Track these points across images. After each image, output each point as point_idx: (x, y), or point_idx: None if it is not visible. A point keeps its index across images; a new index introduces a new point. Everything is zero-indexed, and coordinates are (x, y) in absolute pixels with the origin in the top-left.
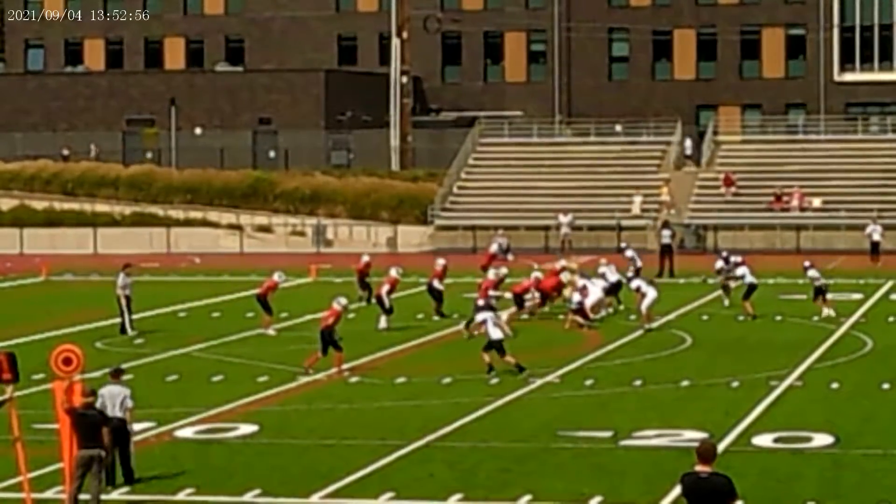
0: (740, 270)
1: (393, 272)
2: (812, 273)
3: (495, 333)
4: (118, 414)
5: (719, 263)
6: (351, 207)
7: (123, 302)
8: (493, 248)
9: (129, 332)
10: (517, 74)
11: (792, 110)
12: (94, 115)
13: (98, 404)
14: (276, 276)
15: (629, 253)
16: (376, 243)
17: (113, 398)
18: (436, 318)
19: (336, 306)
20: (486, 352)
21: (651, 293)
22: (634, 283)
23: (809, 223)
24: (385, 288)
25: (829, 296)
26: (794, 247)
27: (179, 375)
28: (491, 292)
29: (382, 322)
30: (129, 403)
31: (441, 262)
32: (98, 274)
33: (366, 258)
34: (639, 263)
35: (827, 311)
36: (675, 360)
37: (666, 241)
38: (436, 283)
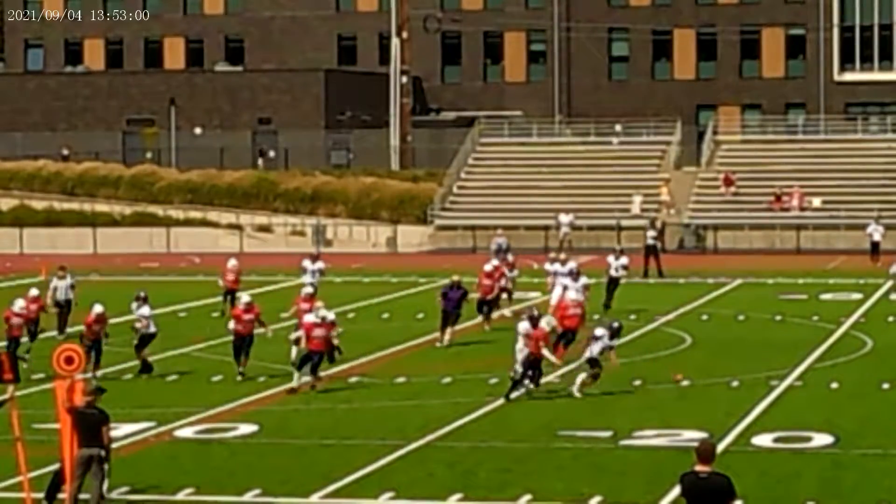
0: None
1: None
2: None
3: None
4: None
5: None
6: (351, 207)
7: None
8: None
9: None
10: (517, 74)
11: (792, 110)
12: (93, 115)
13: None
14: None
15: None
16: (376, 243)
17: None
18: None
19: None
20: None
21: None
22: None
23: (809, 223)
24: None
25: (829, 296)
26: (793, 247)
27: (179, 375)
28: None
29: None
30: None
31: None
32: (98, 274)
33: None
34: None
35: None
36: (675, 360)
37: (650, 241)
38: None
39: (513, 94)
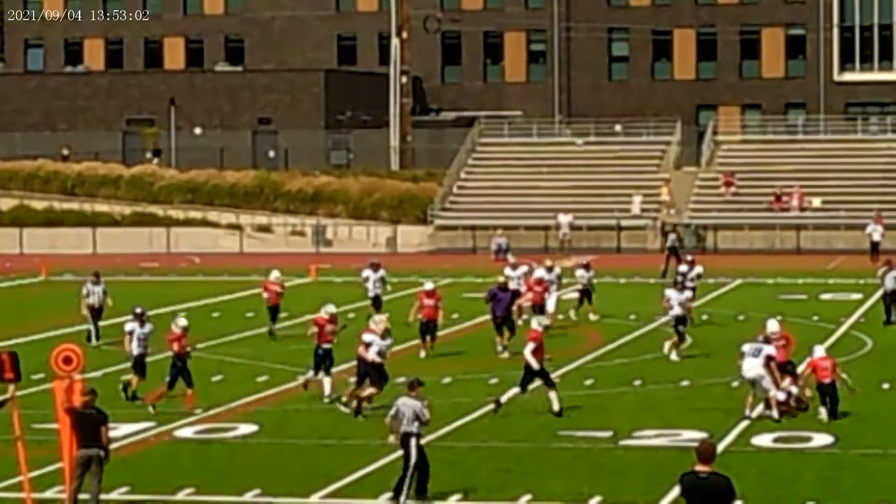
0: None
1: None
2: None
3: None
4: None
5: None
6: (351, 207)
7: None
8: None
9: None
10: (517, 74)
11: (791, 110)
12: (93, 115)
13: None
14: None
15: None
16: (376, 243)
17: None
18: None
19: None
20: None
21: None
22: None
23: (809, 223)
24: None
25: (829, 296)
26: (794, 247)
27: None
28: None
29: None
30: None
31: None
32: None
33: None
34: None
35: None
36: (675, 360)
37: (672, 244)
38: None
39: (513, 95)
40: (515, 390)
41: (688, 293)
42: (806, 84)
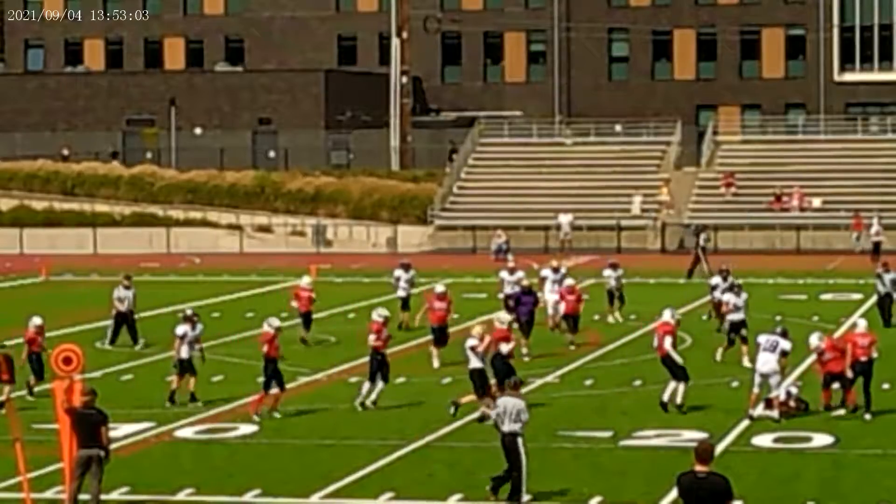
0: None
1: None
2: None
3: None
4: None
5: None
6: (351, 208)
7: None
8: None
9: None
10: (517, 74)
11: (792, 110)
12: (93, 115)
13: None
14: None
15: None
16: (376, 243)
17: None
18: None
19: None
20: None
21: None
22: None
23: (809, 223)
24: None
25: (829, 296)
26: (794, 247)
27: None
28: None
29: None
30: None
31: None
32: (98, 274)
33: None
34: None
35: None
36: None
37: (703, 244)
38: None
39: (513, 95)
40: (681, 387)
41: (744, 295)
42: (806, 84)
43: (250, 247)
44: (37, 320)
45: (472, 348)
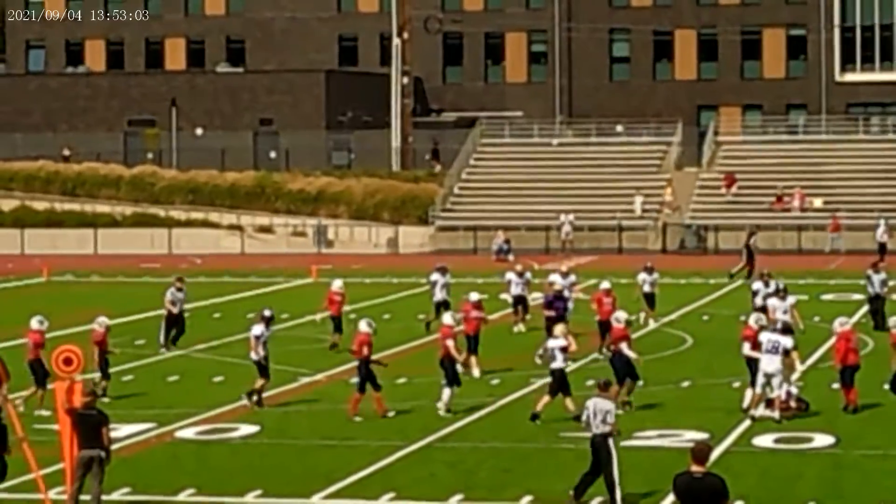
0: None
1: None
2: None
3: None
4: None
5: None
6: (352, 208)
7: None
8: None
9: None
10: (518, 75)
11: (793, 111)
12: (94, 116)
13: None
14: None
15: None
16: (377, 244)
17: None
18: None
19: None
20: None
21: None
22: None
23: (810, 223)
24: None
25: (830, 296)
26: (795, 247)
27: (180, 376)
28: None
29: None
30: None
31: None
32: (99, 275)
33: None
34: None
35: None
36: (676, 360)
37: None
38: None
39: (514, 95)
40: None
41: (791, 299)
42: (807, 84)
43: (251, 247)
44: (104, 320)
45: (563, 349)
